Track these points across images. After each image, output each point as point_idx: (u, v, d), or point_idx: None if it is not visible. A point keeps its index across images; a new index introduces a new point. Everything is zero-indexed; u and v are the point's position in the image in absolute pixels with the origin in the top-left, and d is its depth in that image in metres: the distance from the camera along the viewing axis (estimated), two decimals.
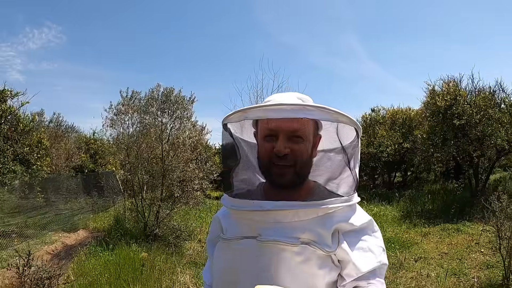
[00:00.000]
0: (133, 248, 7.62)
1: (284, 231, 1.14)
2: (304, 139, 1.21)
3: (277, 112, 1.11)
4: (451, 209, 9.87)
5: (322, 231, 1.16)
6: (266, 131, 1.22)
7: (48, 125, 19.37)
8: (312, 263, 1.14)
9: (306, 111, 1.10)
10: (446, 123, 11.01)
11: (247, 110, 1.16)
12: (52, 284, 3.74)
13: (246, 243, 1.19)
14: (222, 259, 1.27)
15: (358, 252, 1.20)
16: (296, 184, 1.23)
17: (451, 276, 5.77)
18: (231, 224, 1.28)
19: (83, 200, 14.48)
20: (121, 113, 9.51)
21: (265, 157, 1.22)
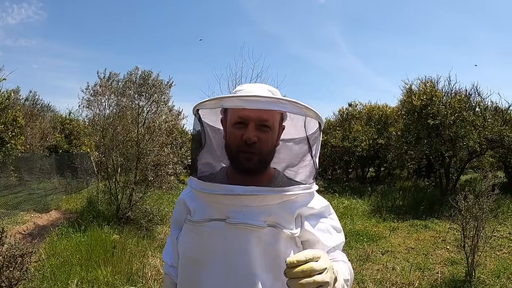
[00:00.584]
0: (105, 230, 7.61)
1: (252, 214, 1.22)
2: (271, 129, 1.30)
3: (253, 103, 1.17)
4: (420, 206, 10.10)
5: (286, 215, 1.26)
6: (236, 119, 1.28)
7: (23, 103, 19.02)
8: (279, 244, 1.23)
9: (280, 104, 1.18)
10: (420, 122, 11.23)
11: (224, 99, 1.23)
12: (25, 262, 3.75)
13: (215, 225, 1.25)
14: (189, 241, 1.32)
15: (322, 232, 1.32)
16: (259, 170, 1.31)
17: (415, 270, 5.95)
18: (198, 206, 1.32)
19: (56, 181, 14.31)
20: (98, 94, 9.39)
21: (234, 143, 1.29)
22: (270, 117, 1.28)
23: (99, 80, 9.66)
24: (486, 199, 5.36)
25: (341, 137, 16.62)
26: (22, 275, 3.71)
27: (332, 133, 17.47)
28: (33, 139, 15.32)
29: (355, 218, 9.76)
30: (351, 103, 18.68)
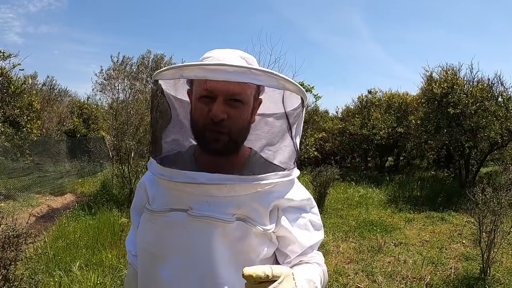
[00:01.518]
0: (114, 213, 7.61)
1: (217, 206, 1.07)
2: (244, 103, 1.10)
3: (218, 73, 0.97)
4: (438, 198, 9.86)
5: (260, 208, 1.10)
6: (202, 91, 1.08)
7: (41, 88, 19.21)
8: (248, 240, 1.09)
9: (251, 75, 0.98)
10: (441, 111, 10.87)
11: (184, 68, 1.01)
12: (20, 242, 3.72)
13: (175, 216, 1.10)
14: (147, 232, 1.18)
15: (299, 229, 1.18)
16: (230, 150, 1.13)
17: (428, 264, 5.74)
18: (158, 193, 1.17)
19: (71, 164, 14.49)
20: (111, 78, 9.41)
21: (199, 120, 1.10)
22: (243, 89, 1.08)
23: (112, 64, 9.67)
24: (505, 193, 5.11)
25: (360, 125, 16.27)
26: (16, 256, 3.68)
27: (351, 120, 17.15)
28: (50, 123, 15.52)
29: (370, 208, 9.57)
30: (370, 90, 18.27)
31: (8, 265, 3.63)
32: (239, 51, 1.19)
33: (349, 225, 7.92)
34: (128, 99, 9.62)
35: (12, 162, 11.66)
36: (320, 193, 9.17)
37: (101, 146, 14.18)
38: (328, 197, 9.68)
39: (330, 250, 6.36)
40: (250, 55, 1.21)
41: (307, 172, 13.30)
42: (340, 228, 7.71)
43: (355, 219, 8.36)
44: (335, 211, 9.16)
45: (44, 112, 14.88)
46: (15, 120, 10.18)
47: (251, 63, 1.16)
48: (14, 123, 10.23)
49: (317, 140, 15.90)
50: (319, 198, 9.14)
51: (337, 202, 9.97)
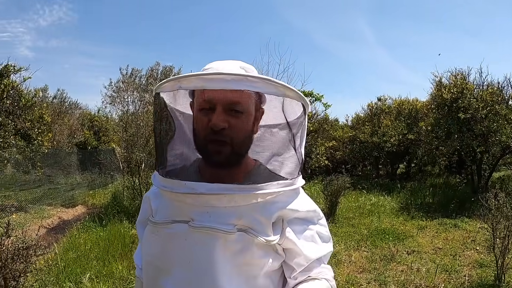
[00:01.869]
0: (124, 225, 7.62)
1: (218, 216, 1.06)
2: (244, 113, 1.09)
3: (216, 82, 0.98)
4: (451, 204, 9.74)
5: (262, 218, 1.08)
6: (202, 103, 1.09)
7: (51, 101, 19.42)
8: (251, 252, 1.07)
9: (248, 82, 0.99)
10: (451, 116, 10.78)
11: (182, 79, 1.03)
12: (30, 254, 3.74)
13: (177, 227, 1.10)
14: (151, 244, 1.18)
15: (306, 242, 1.15)
16: (233, 162, 1.12)
17: (442, 272, 5.65)
18: (161, 205, 1.17)
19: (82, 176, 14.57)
20: (121, 91, 9.49)
21: (201, 131, 1.10)
22: (242, 98, 1.07)
23: (121, 76, 9.75)
24: None
25: (370, 132, 16.21)
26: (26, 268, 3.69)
27: (361, 128, 17.09)
28: (61, 136, 15.65)
29: (381, 216, 9.48)
30: (380, 97, 18.24)
31: (18, 276, 3.65)
32: (239, 61, 1.19)
33: (361, 233, 7.84)
34: (138, 111, 9.69)
35: (24, 174, 11.77)
36: (331, 202, 9.12)
37: (112, 158, 14.27)
38: (340, 206, 9.61)
39: (342, 259, 6.29)
40: (249, 65, 1.20)
41: (318, 181, 13.26)
42: (352, 237, 7.64)
43: (367, 228, 8.28)
44: (347, 220, 9.08)
45: (55, 124, 15.03)
46: (26, 132, 10.29)
47: (250, 72, 1.14)
48: (26, 135, 10.33)
49: (328, 149, 15.86)
50: (330, 207, 9.09)
51: (349, 211, 9.90)
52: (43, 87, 18.30)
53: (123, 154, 10.19)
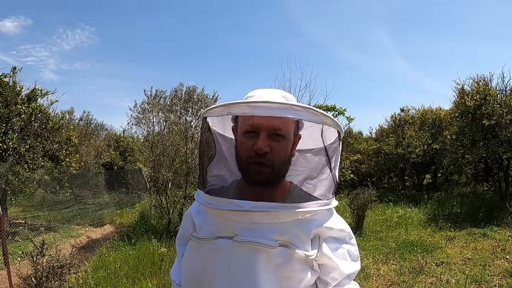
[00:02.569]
0: (153, 243, 7.71)
1: (262, 232, 1.12)
2: (285, 138, 1.18)
3: (263, 110, 1.06)
4: (479, 213, 9.57)
5: (301, 234, 1.15)
6: (247, 127, 1.18)
7: (78, 123, 19.85)
8: (291, 266, 1.13)
9: (293, 110, 1.07)
10: (475, 124, 10.63)
11: (232, 105, 1.11)
12: (64, 273, 3.85)
13: (221, 243, 1.16)
14: (193, 259, 1.23)
15: (339, 258, 1.23)
16: (272, 183, 1.20)
17: (472, 283, 5.56)
18: (205, 222, 1.24)
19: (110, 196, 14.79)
20: (146, 112, 9.69)
21: (244, 153, 1.19)
22: (284, 125, 1.17)
23: (146, 98, 9.96)
24: None
25: (395, 144, 16.06)
26: (60, 285, 3.80)
27: (385, 140, 16.96)
28: (88, 156, 15.96)
29: (409, 228, 9.37)
30: (403, 108, 18.06)
31: None
32: (281, 90, 1.29)
33: (389, 247, 7.76)
34: (163, 131, 9.86)
35: (52, 195, 12.03)
36: (358, 216, 9.07)
37: (139, 178, 14.46)
38: (367, 219, 9.56)
39: (370, 273, 6.25)
40: (290, 94, 1.30)
41: (344, 195, 13.18)
42: (380, 250, 7.57)
43: (395, 241, 8.20)
44: (374, 233, 9.01)
45: (82, 146, 15.36)
46: (54, 154, 10.56)
47: (290, 100, 1.23)
48: (53, 157, 10.60)
49: (353, 162, 15.78)
50: (357, 221, 9.04)
51: (376, 224, 9.81)
52: (69, 110, 18.78)
53: (150, 173, 10.34)
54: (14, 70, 9.86)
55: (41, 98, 10.42)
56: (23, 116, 9.44)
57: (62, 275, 3.84)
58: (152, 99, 9.82)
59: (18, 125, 9.45)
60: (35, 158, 9.56)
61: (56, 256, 3.91)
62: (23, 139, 9.39)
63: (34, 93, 10.13)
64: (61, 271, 3.83)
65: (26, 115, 9.50)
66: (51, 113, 11.00)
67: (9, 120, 9.26)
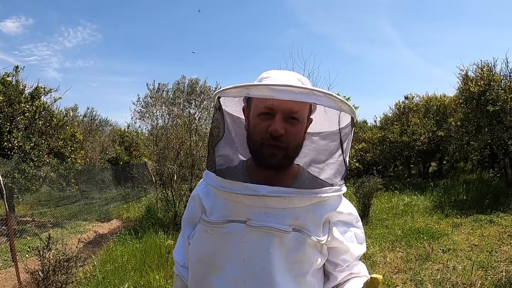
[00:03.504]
0: (160, 236, 7.75)
1: (276, 217, 1.12)
2: (300, 121, 1.18)
3: (285, 94, 1.05)
4: (485, 200, 9.53)
5: (314, 219, 1.17)
6: (262, 109, 1.16)
7: (82, 119, 19.93)
8: (303, 250, 1.14)
9: (314, 96, 1.06)
10: (480, 110, 10.56)
11: (251, 87, 1.10)
12: (70, 266, 3.88)
13: (233, 227, 1.16)
14: (204, 243, 1.23)
15: (348, 241, 1.25)
16: (283, 166, 1.20)
17: (478, 269, 5.55)
18: (216, 205, 1.22)
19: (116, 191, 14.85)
20: (149, 106, 9.70)
21: (258, 135, 1.17)
22: (300, 108, 1.16)
23: (149, 91, 9.96)
24: None
25: (399, 132, 16.04)
26: (67, 279, 3.83)
27: (390, 128, 16.92)
28: (93, 152, 16.01)
29: (415, 215, 9.37)
30: (407, 95, 17.97)
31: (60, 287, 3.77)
32: (295, 73, 1.28)
33: (395, 234, 7.76)
34: (167, 124, 9.86)
35: (58, 192, 12.11)
36: (364, 204, 9.07)
37: (144, 172, 14.51)
38: (372, 207, 9.55)
39: (377, 261, 6.26)
40: (303, 76, 1.28)
41: (350, 184, 13.17)
42: (386, 238, 7.58)
43: (401, 228, 8.20)
44: (380, 221, 9.01)
45: (86, 142, 15.42)
46: (59, 151, 10.60)
47: (305, 83, 1.23)
48: (59, 154, 10.64)
49: (358, 151, 15.72)
50: (363, 209, 9.04)
51: (382, 212, 9.82)
52: (73, 107, 18.88)
53: (155, 167, 10.38)
54: (17, 69, 9.89)
55: (45, 96, 10.47)
56: (27, 114, 9.47)
57: (69, 268, 3.87)
58: (154, 92, 9.83)
59: (22, 123, 9.48)
60: (41, 155, 9.61)
61: (62, 250, 3.94)
62: (28, 137, 9.43)
63: (37, 91, 10.17)
64: (68, 264, 3.87)
65: (30, 113, 9.53)
66: (55, 110, 11.04)
67: (14, 119, 9.29)
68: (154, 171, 11.82)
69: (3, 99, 8.97)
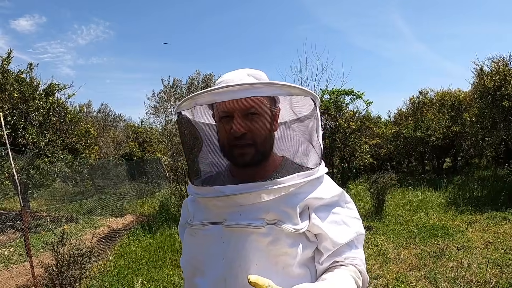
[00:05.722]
0: (174, 231, 7.80)
1: (248, 213, 1.13)
2: (261, 115, 1.18)
3: (225, 95, 1.07)
4: (500, 196, 9.40)
5: (287, 209, 1.13)
6: (221, 113, 1.19)
7: (96, 115, 20.07)
8: (282, 242, 1.12)
9: (253, 89, 1.07)
10: (495, 105, 10.39)
11: (196, 97, 1.13)
12: (85, 261, 3.93)
13: (212, 229, 1.18)
14: (189, 246, 1.27)
15: (331, 225, 1.19)
16: (258, 160, 1.20)
17: (493, 267, 5.47)
18: (197, 209, 1.26)
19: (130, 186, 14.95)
20: (163, 101, 9.75)
21: (224, 138, 1.20)
22: (255, 103, 1.16)
23: (163, 87, 10.02)
24: None
25: (414, 127, 15.86)
26: (81, 273, 3.87)
27: (404, 123, 16.80)
28: (107, 148, 16.13)
29: (429, 212, 9.30)
30: (421, 90, 17.84)
31: (74, 282, 3.83)
32: (248, 69, 1.26)
33: (410, 231, 7.71)
34: None
35: (73, 187, 12.24)
36: (378, 200, 9.03)
37: (158, 167, 14.59)
38: (387, 203, 9.51)
39: (391, 257, 6.22)
40: (258, 71, 1.27)
41: (364, 180, 13.12)
42: (400, 234, 7.53)
43: (415, 225, 8.14)
44: (394, 217, 8.96)
45: (100, 138, 15.54)
46: (73, 147, 10.70)
47: (258, 78, 1.23)
48: (73, 149, 10.74)
49: (372, 146, 15.64)
50: (377, 205, 9.00)
51: (396, 208, 9.76)
52: (87, 103, 19.01)
53: (169, 162, 10.44)
54: (31, 66, 9.97)
55: (59, 92, 10.55)
56: (41, 110, 9.56)
57: (83, 263, 3.92)
58: (169, 88, 9.88)
59: (37, 119, 9.58)
60: (55, 151, 9.70)
61: (76, 245, 3.99)
62: (42, 133, 9.53)
63: (51, 88, 10.26)
64: (82, 259, 3.91)
65: (44, 110, 9.62)
66: (69, 106, 11.14)
67: (28, 115, 9.39)
68: (168, 166, 11.89)
69: (18, 96, 9.07)
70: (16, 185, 6.50)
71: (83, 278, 4.05)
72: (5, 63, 9.24)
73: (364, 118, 15.33)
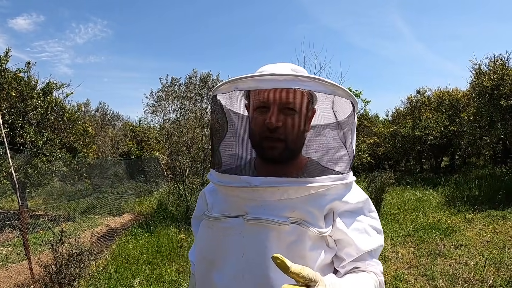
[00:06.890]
0: (172, 230, 7.80)
1: (272, 209, 1.09)
2: (298, 112, 1.15)
3: (269, 83, 1.04)
4: (497, 195, 9.45)
5: (314, 210, 1.10)
6: (257, 103, 1.16)
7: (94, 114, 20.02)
8: (304, 244, 1.08)
9: (299, 81, 1.04)
10: (493, 104, 10.41)
11: (237, 81, 1.09)
12: (83, 260, 3.93)
13: (232, 222, 1.13)
14: (205, 239, 1.22)
15: (357, 233, 1.16)
16: (287, 158, 1.17)
17: (490, 266, 5.50)
18: (217, 200, 1.22)
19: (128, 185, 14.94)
20: (161, 100, 9.75)
21: (256, 130, 1.16)
22: (295, 98, 1.13)
23: (161, 86, 10.01)
24: None
25: (411, 126, 15.90)
26: (80, 272, 3.88)
27: (402, 122, 16.81)
28: (105, 147, 16.10)
29: (427, 211, 9.34)
30: (419, 89, 17.84)
31: (73, 281, 3.83)
32: (291, 64, 1.24)
33: (407, 229, 7.74)
34: (179, 118, 9.92)
35: (70, 186, 12.23)
36: (375, 199, 9.05)
37: (156, 166, 14.58)
38: (384, 202, 9.54)
39: (389, 256, 6.24)
40: (300, 67, 1.25)
41: (361, 178, 13.13)
42: (398, 233, 7.55)
43: (413, 223, 8.17)
44: (392, 216, 8.98)
45: (98, 136, 15.50)
46: (71, 146, 10.68)
47: (300, 72, 1.18)
48: (71, 148, 10.72)
49: (369, 145, 15.68)
50: (375, 204, 8.91)
51: (394, 207, 9.79)
52: (85, 102, 18.93)
53: (167, 161, 10.45)
54: (28, 65, 9.94)
55: (56, 91, 10.54)
56: (39, 109, 9.54)
57: (81, 262, 3.92)
58: (167, 87, 9.88)
59: (34, 118, 9.56)
60: (53, 150, 9.69)
61: (75, 244, 3.99)
62: (40, 132, 9.51)
63: (49, 87, 10.24)
64: (80, 258, 3.91)
65: (42, 109, 9.60)
66: (67, 105, 11.11)
67: (26, 114, 9.36)
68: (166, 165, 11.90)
69: (16, 95, 9.04)
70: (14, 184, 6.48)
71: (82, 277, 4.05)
72: (3, 62, 9.20)
73: (362, 117, 15.39)
